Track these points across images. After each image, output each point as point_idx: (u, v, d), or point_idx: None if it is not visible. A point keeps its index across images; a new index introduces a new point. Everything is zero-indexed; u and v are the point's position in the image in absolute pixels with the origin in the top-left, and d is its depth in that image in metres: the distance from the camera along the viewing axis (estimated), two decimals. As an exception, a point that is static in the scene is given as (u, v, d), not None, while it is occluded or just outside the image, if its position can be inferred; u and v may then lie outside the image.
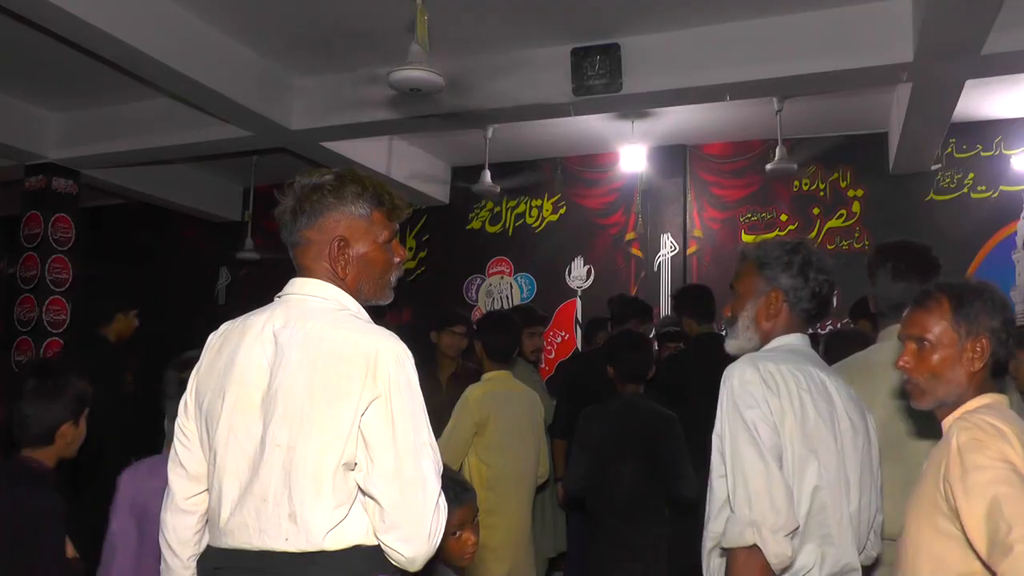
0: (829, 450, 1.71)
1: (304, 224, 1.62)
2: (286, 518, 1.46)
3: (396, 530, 1.47)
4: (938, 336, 1.64)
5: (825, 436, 1.71)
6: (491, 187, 6.56)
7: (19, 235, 6.93)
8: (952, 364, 1.63)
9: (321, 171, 1.69)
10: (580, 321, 7.42)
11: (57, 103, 6.53)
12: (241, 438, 1.52)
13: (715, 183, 7.23)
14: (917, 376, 1.66)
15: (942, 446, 1.56)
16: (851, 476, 1.75)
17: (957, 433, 1.52)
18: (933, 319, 1.65)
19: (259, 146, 6.55)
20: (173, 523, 1.64)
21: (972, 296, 1.64)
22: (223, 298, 8.99)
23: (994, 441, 1.46)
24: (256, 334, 1.58)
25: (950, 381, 1.63)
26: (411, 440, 1.49)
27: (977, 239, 6.37)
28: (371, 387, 1.48)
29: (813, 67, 4.78)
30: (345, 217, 1.63)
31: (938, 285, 1.69)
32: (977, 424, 1.51)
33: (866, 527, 1.81)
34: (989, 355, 1.63)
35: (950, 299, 1.64)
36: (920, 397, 1.67)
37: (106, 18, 4.34)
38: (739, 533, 1.61)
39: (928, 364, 1.64)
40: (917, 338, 1.67)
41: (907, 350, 1.68)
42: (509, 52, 5.35)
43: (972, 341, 1.62)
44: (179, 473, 1.64)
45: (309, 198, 1.62)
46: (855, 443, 1.78)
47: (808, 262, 1.91)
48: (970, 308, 1.63)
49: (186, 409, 1.65)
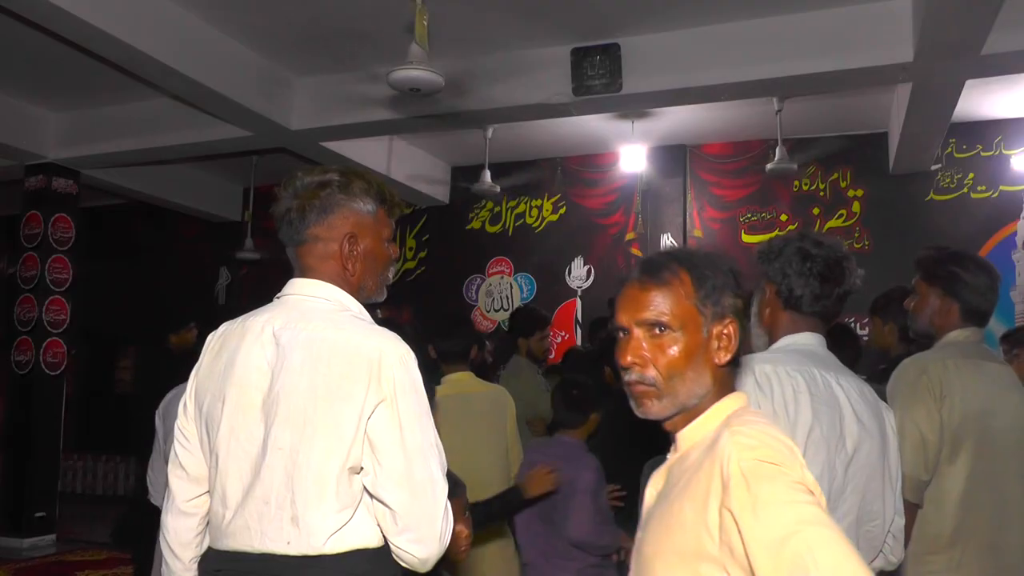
0: (823, 455, 1.65)
1: (313, 221, 1.61)
2: (288, 521, 1.45)
3: (408, 532, 1.47)
4: (680, 319, 1.23)
5: (819, 441, 1.65)
6: (491, 187, 6.56)
7: (19, 235, 6.93)
8: (697, 356, 1.24)
9: (322, 168, 1.68)
10: (580, 321, 7.42)
11: (57, 103, 6.53)
12: (243, 441, 1.51)
13: (715, 183, 7.24)
14: (648, 373, 1.24)
15: (704, 466, 1.16)
16: (853, 481, 1.69)
17: (736, 452, 1.12)
18: (672, 297, 1.24)
19: (259, 146, 6.55)
20: (174, 525, 1.63)
21: (711, 268, 1.27)
22: (223, 298, 8.99)
23: (790, 463, 1.10)
24: (256, 335, 1.56)
25: (695, 379, 1.24)
26: (419, 442, 1.49)
27: (977, 239, 6.36)
28: (376, 389, 1.47)
29: (813, 67, 4.79)
30: (354, 214, 1.63)
31: (668, 254, 1.30)
32: (761, 440, 1.13)
33: (879, 533, 1.73)
34: (737, 343, 1.27)
35: (690, 271, 1.25)
36: (650, 402, 1.25)
37: (106, 18, 4.35)
38: None
39: (666, 357, 1.23)
40: (649, 323, 1.24)
41: (633, 340, 1.25)
42: (509, 52, 5.35)
43: (719, 325, 1.25)
44: (179, 475, 1.63)
45: (317, 195, 1.61)
46: (864, 447, 1.71)
47: (801, 250, 1.79)
48: (714, 282, 1.25)
49: (185, 410, 1.64)
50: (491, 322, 7.77)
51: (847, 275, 1.80)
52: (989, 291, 2.19)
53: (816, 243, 1.81)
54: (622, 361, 1.25)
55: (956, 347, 2.18)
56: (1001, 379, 2.15)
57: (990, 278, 2.20)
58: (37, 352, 6.72)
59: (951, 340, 2.20)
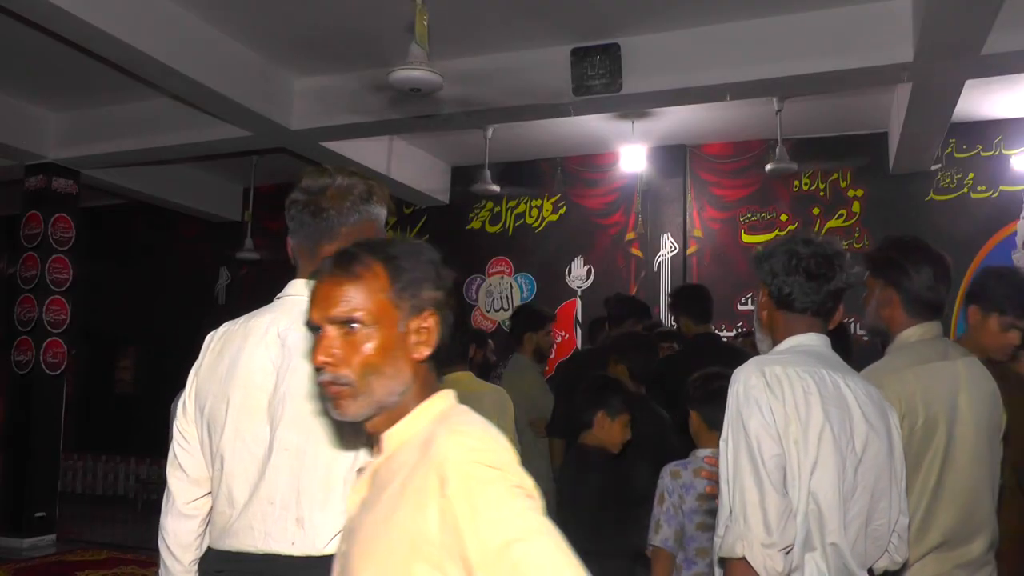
0: (835, 456, 1.66)
1: (352, 221, 1.63)
2: (293, 522, 1.46)
3: None
4: (374, 314, 1.17)
5: (831, 442, 1.65)
6: (491, 187, 6.56)
7: (19, 235, 6.94)
8: (394, 352, 1.18)
9: (345, 170, 1.68)
10: (580, 321, 7.42)
11: (57, 103, 6.53)
12: (248, 442, 1.51)
13: (715, 183, 7.24)
14: (342, 372, 1.17)
15: (420, 467, 1.11)
16: (862, 481, 1.69)
17: (454, 453, 1.09)
18: (365, 291, 1.17)
19: (259, 146, 6.55)
20: (174, 528, 1.62)
21: (410, 259, 1.21)
22: (223, 298, 8.99)
23: (510, 466, 1.09)
24: (260, 336, 1.56)
25: (393, 376, 1.18)
26: None
27: (977, 239, 6.36)
28: None
29: (813, 67, 4.79)
30: (376, 220, 1.67)
31: (362, 245, 1.24)
32: (482, 442, 1.11)
33: (884, 532, 1.75)
34: (437, 337, 1.21)
35: (385, 263, 1.19)
36: (346, 402, 1.17)
37: (106, 18, 4.35)
38: (731, 544, 1.60)
39: (360, 355, 1.16)
40: (342, 320, 1.17)
41: (325, 339, 1.18)
42: (509, 52, 5.35)
43: (417, 320, 1.20)
44: (179, 477, 1.62)
45: (361, 196, 1.63)
46: (873, 446, 1.71)
47: (788, 250, 1.79)
48: (412, 275, 1.20)
49: (185, 411, 1.63)
50: (491, 322, 7.77)
51: (837, 271, 1.78)
52: (935, 282, 2.04)
53: (805, 242, 1.81)
54: (314, 361, 1.18)
55: (910, 351, 2.07)
56: (960, 378, 2.05)
57: (937, 268, 2.06)
58: (37, 352, 6.72)
59: (903, 342, 2.09)
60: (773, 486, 1.60)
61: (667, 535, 2.62)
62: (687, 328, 4.34)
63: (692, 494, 2.64)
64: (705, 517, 2.62)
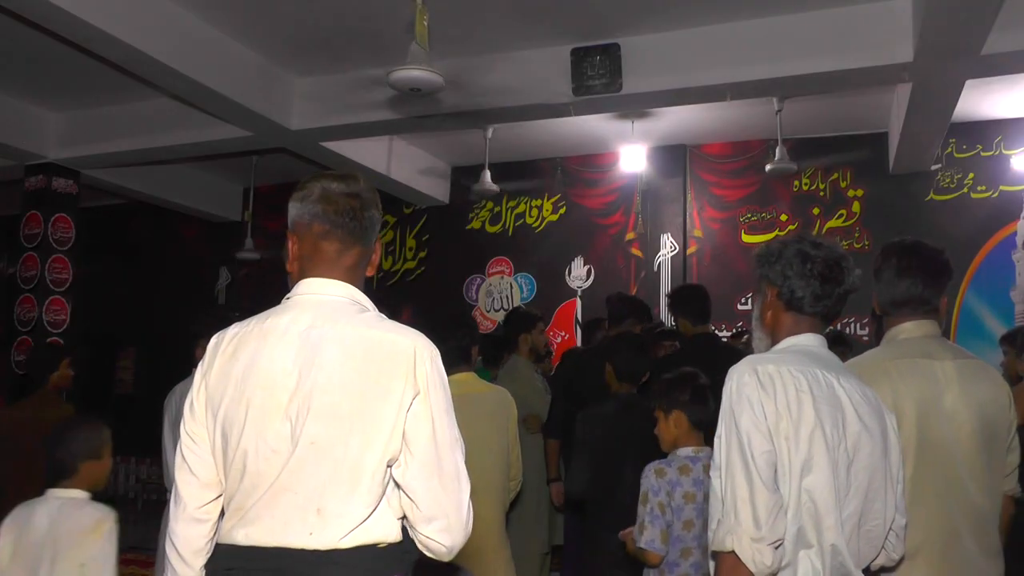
0: (826, 455, 1.66)
1: (375, 223, 1.69)
2: (314, 512, 1.46)
3: (436, 521, 1.51)
4: None
5: (822, 440, 1.66)
6: (491, 187, 6.56)
7: (19, 235, 6.93)
8: None
9: (352, 175, 1.71)
10: (580, 321, 7.42)
11: (57, 103, 6.54)
12: (270, 440, 1.49)
13: (715, 183, 7.24)
14: None
15: None
16: (855, 482, 1.70)
17: None
18: None
19: (259, 146, 6.55)
20: (185, 534, 1.57)
21: None
22: (223, 298, 9.00)
23: None
24: (279, 337, 1.55)
25: None
26: (448, 434, 1.55)
27: (977, 239, 6.37)
28: (412, 384, 1.51)
29: (813, 67, 4.79)
30: (378, 223, 1.73)
31: None
32: None
33: (879, 532, 1.76)
34: None
35: None
36: None
37: (106, 18, 4.35)
38: (721, 538, 1.62)
39: None
40: None
41: None
42: (509, 52, 5.35)
43: None
44: (189, 480, 1.57)
45: (376, 201, 1.69)
46: (866, 447, 1.72)
47: (800, 252, 1.80)
48: None
49: (193, 412, 1.59)
50: (491, 322, 7.76)
51: (846, 275, 1.81)
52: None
53: (815, 244, 1.83)
54: None
55: (889, 347, 2.06)
56: (949, 378, 2.02)
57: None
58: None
59: (889, 338, 2.09)
60: (763, 482, 1.61)
61: (652, 536, 2.61)
62: (686, 328, 4.33)
63: (679, 491, 2.64)
64: (692, 515, 2.62)
